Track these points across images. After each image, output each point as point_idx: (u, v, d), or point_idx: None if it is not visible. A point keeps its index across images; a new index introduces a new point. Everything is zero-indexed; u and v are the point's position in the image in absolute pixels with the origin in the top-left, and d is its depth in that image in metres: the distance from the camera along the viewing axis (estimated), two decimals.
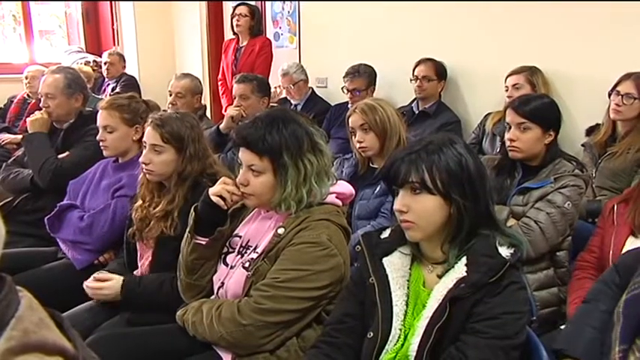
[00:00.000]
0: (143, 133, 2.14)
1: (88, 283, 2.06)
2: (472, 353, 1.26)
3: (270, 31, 5.49)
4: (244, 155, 1.64)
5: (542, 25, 3.22)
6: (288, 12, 5.27)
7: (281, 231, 1.63)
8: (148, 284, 2.00)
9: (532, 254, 2.08)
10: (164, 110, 2.52)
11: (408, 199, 1.35)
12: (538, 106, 2.16)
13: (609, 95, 2.75)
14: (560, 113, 2.24)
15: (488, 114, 3.42)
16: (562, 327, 1.90)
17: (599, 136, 2.82)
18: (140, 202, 2.11)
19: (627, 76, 2.71)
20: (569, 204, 2.09)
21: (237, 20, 4.69)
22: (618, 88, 2.71)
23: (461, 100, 3.82)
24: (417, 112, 3.77)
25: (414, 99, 3.84)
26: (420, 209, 1.34)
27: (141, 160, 2.06)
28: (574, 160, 2.24)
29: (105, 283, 2.04)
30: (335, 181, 1.74)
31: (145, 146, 2.06)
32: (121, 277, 2.03)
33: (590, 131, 2.93)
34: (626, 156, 2.66)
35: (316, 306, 1.62)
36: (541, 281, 2.13)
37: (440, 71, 3.73)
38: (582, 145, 2.94)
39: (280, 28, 5.41)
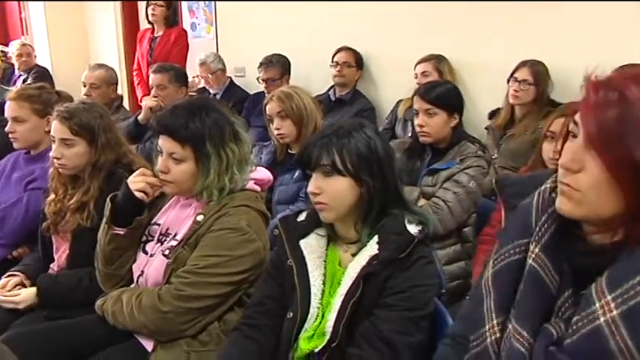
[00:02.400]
0: None
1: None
2: (385, 325, 1.32)
3: (186, 22, 5.41)
4: (165, 143, 1.63)
5: (447, 16, 3.38)
6: (204, 2, 5.21)
7: (200, 218, 1.64)
8: (65, 281, 1.96)
9: (441, 231, 2.21)
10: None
11: (321, 181, 1.40)
12: (442, 92, 2.29)
13: (508, 81, 2.94)
14: (462, 97, 2.38)
15: (400, 100, 3.56)
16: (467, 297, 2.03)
17: (499, 120, 3.01)
18: (53, 195, 2.05)
19: (523, 64, 2.90)
20: (473, 183, 2.23)
21: (153, 10, 4.59)
22: (515, 75, 2.90)
23: (374, 87, 3.95)
24: (333, 99, 3.86)
25: (331, 87, 3.93)
26: (333, 191, 1.39)
27: (51, 155, 2.00)
28: (477, 142, 2.38)
29: (17, 298, 1.97)
30: (254, 168, 1.77)
31: (54, 140, 2.00)
32: (34, 288, 1.97)
33: (492, 115, 3.12)
34: (524, 137, 2.84)
35: (237, 290, 1.64)
36: (450, 256, 2.26)
37: (358, 60, 3.85)
38: (486, 129, 3.13)
39: (197, 18, 5.34)
